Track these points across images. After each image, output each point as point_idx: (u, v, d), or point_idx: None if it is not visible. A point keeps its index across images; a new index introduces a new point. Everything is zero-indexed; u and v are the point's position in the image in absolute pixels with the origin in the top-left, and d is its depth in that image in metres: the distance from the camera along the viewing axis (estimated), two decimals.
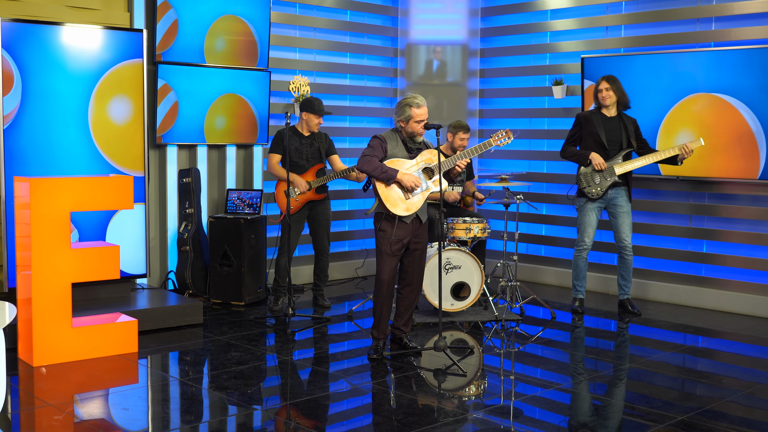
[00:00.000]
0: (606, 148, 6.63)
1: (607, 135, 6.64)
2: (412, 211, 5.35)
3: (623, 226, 6.73)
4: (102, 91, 6.31)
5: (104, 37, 6.27)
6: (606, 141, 6.63)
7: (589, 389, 5.00)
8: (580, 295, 6.95)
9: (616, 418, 4.50)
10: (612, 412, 4.62)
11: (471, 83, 8.89)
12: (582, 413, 4.62)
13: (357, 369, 5.29)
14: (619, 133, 6.66)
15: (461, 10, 8.83)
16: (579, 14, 8.08)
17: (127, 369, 5.29)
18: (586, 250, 6.82)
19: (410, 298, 5.57)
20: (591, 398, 4.86)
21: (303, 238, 7.65)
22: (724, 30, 7.12)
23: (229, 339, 5.93)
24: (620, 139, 6.65)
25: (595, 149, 6.65)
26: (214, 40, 7.23)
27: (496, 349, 5.96)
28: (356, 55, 8.64)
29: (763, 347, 6.05)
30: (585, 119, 6.73)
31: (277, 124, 7.80)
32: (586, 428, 4.33)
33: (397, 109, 5.39)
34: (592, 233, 6.78)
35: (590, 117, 6.71)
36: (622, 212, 6.71)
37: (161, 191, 7.20)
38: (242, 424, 4.30)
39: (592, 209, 6.74)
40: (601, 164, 6.59)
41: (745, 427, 4.29)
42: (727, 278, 7.19)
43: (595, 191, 6.67)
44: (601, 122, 6.66)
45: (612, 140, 6.65)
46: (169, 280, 7.19)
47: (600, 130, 6.63)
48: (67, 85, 6.16)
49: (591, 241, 6.80)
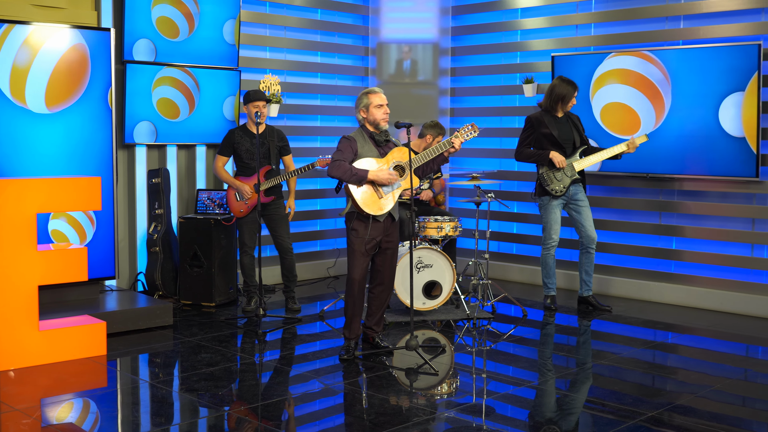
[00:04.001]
0: (562, 147, 6.71)
1: (561, 134, 6.73)
2: (385, 210, 5.34)
3: (587, 221, 6.80)
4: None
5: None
6: (561, 140, 6.71)
7: (561, 386, 5.02)
8: (551, 292, 6.98)
9: (588, 415, 4.52)
10: (582, 408, 4.63)
11: (442, 82, 8.89)
12: (553, 410, 4.63)
13: (329, 369, 5.26)
14: (570, 131, 6.79)
15: (432, 8, 8.83)
16: (549, 13, 8.11)
17: (95, 372, 5.23)
18: (553, 247, 6.87)
19: (382, 297, 5.57)
20: (562, 395, 4.88)
21: (267, 238, 7.61)
22: (692, 28, 7.18)
23: (200, 340, 5.88)
24: (572, 136, 6.79)
25: (552, 149, 6.72)
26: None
27: (468, 347, 5.96)
28: (327, 54, 8.61)
29: (731, 343, 6.11)
30: (537, 121, 6.79)
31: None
32: (557, 426, 4.34)
33: (356, 103, 5.44)
34: (558, 230, 6.84)
35: (542, 118, 6.78)
36: (584, 207, 6.81)
37: (130, 192, 7.13)
38: (213, 426, 4.27)
39: (556, 206, 6.80)
40: (561, 162, 6.65)
41: (715, 422, 4.32)
42: (696, 274, 7.26)
43: (559, 188, 6.72)
44: (554, 122, 6.74)
45: (565, 139, 6.75)
46: (139, 282, 7.12)
47: (554, 130, 6.70)
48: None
49: (558, 237, 6.86)
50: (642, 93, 7.24)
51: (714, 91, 6.86)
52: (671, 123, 7.13)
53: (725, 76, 6.79)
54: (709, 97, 6.89)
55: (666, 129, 7.17)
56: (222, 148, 6.78)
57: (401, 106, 8.48)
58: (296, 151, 7.93)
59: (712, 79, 6.86)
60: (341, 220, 8.44)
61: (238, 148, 6.70)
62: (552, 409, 4.67)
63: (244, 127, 6.77)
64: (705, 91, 6.92)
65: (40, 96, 6.14)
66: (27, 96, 6.09)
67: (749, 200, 6.94)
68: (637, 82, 7.25)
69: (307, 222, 8.47)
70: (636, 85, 7.26)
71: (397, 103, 8.18)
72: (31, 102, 6.11)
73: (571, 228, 7.49)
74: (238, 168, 6.81)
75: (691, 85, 6.99)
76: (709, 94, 6.89)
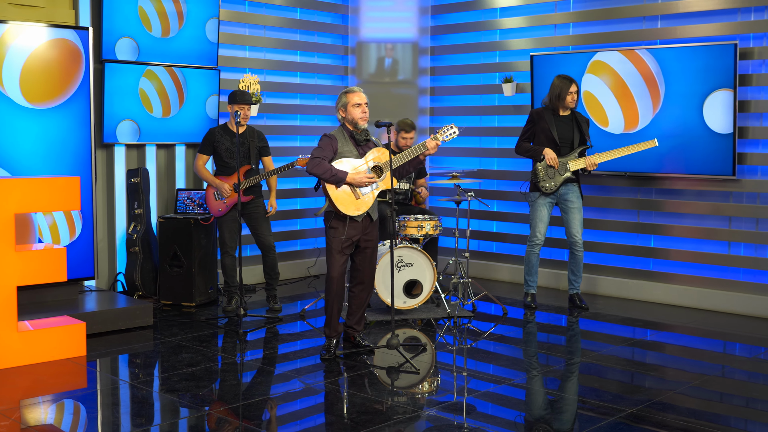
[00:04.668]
0: (557, 145, 6.71)
1: (559, 132, 6.72)
2: (362, 211, 5.34)
3: (574, 222, 6.81)
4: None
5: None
6: (558, 138, 6.71)
7: (541, 384, 5.04)
8: (531, 290, 7.02)
9: (568, 412, 4.55)
10: (563, 405, 4.67)
11: (422, 81, 8.91)
12: (534, 408, 4.66)
13: (310, 368, 5.26)
14: (571, 131, 6.75)
15: (412, 8, 8.85)
16: (528, 12, 8.15)
17: (75, 373, 5.20)
18: (538, 245, 6.89)
19: (362, 296, 5.57)
20: (543, 393, 4.90)
21: (248, 237, 7.60)
22: (669, 28, 7.24)
23: (180, 340, 5.86)
24: (572, 136, 6.75)
25: (548, 146, 6.73)
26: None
27: (449, 345, 5.98)
28: (307, 53, 8.60)
29: (709, 339, 6.16)
30: (538, 116, 6.80)
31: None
32: (538, 422, 4.37)
33: (336, 104, 5.45)
34: (543, 228, 6.86)
35: (543, 114, 6.78)
36: (573, 208, 6.80)
37: (109, 192, 7.10)
38: (194, 427, 4.25)
39: (544, 204, 6.82)
40: (553, 159, 6.67)
41: (693, 419, 4.36)
42: (674, 272, 7.32)
43: (549, 186, 6.74)
44: (554, 120, 6.74)
45: (563, 137, 6.73)
46: (118, 282, 7.09)
47: (552, 128, 6.71)
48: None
49: (543, 236, 6.87)
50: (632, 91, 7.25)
51: (697, 89, 6.90)
52: (654, 122, 7.19)
53: (706, 74, 6.84)
54: (693, 96, 6.93)
55: (649, 128, 7.22)
56: (202, 147, 6.77)
57: (381, 105, 8.49)
58: (276, 151, 7.92)
59: (695, 78, 6.90)
60: (321, 219, 8.43)
61: (218, 147, 6.69)
62: (532, 406, 4.69)
63: (225, 127, 6.76)
64: (688, 90, 6.96)
65: (26, 92, 6.14)
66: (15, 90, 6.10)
67: (726, 198, 7.01)
68: (622, 82, 7.28)
69: (287, 221, 8.46)
70: (621, 84, 7.29)
71: (377, 103, 8.19)
72: (14, 96, 6.10)
73: (560, 227, 7.53)
74: (217, 167, 6.79)
75: (675, 84, 7.05)
76: (692, 92, 6.93)
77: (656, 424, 4.26)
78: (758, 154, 6.82)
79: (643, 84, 7.17)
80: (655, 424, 4.26)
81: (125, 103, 6.99)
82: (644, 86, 7.17)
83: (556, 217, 7.47)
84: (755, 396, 4.93)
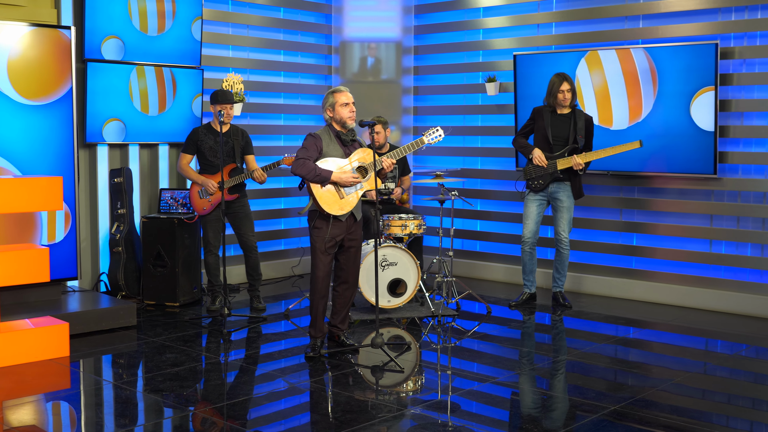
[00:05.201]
0: (550, 143, 6.75)
1: (553, 131, 6.75)
2: (346, 211, 5.35)
3: (561, 221, 6.85)
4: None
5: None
6: (551, 137, 6.75)
7: (525, 382, 5.07)
8: (526, 289, 7.03)
9: (552, 409, 4.57)
10: (547, 403, 4.69)
11: (405, 80, 8.92)
12: (518, 406, 4.68)
13: (294, 368, 5.27)
14: (567, 130, 6.75)
15: (395, 7, 8.86)
16: (511, 12, 8.17)
17: (58, 374, 5.18)
18: (527, 243, 6.91)
19: (346, 295, 5.58)
20: (527, 391, 4.93)
21: (231, 237, 7.59)
22: (651, 27, 7.28)
23: (164, 340, 5.85)
24: (566, 135, 6.76)
25: (542, 143, 6.78)
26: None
27: (433, 344, 6.00)
28: (290, 53, 8.59)
29: (691, 337, 6.21)
30: (538, 114, 6.85)
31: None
32: (522, 420, 4.39)
33: (322, 103, 5.43)
34: (532, 226, 6.88)
35: (542, 112, 6.83)
36: (562, 207, 6.84)
37: (92, 191, 7.06)
38: (178, 427, 4.25)
39: (533, 201, 6.86)
40: (539, 158, 6.70)
41: (675, 415, 4.40)
42: (656, 270, 7.37)
43: (537, 184, 6.79)
44: (549, 118, 6.77)
45: (557, 136, 6.76)
46: (101, 282, 7.06)
47: (547, 126, 6.74)
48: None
49: (531, 233, 6.89)
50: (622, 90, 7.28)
51: (683, 89, 6.94)
52: (643, 121, 7.24)
53: (689, 74, 6.88)
54: (680, 95, 6.97)
55: (634, 128, 7.27)
56: (186, 146, 6.75)
57: (365, 104, 8.49)
58: (260, 150, 7.91)
59: (681, 77, 6.95)
60: (305, 218, 8.43)
61: (202, 146, 6.67)
62: (516, 404, 4.71)
63: (209, 126, 6.75)
64: (675, 89, 6.99)
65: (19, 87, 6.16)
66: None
67: (707, 197, 7.06)
68: (618, 79, 7.30)
69: (271, 221, 8.45)
70: (615, 82, 7.32)
71: (361, 102, 8.18)
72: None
73: (549, 226, 7.57)
74: (201, 166, 6.78)
75: (664, 83, 7.09)
76: (680, 91, 6.97)
77: (639, 421, 4.29)
78: (739, 153, 6.88)
79: (635, 82, 7.21)
80: (638, 421, 4.29)
81: (111, 102, 6.96)
82: (636, 84, 7.20)
83: (548, 217, 7.49)
84: (737, 392, 4.97)
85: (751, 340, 6.04)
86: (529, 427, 4.25)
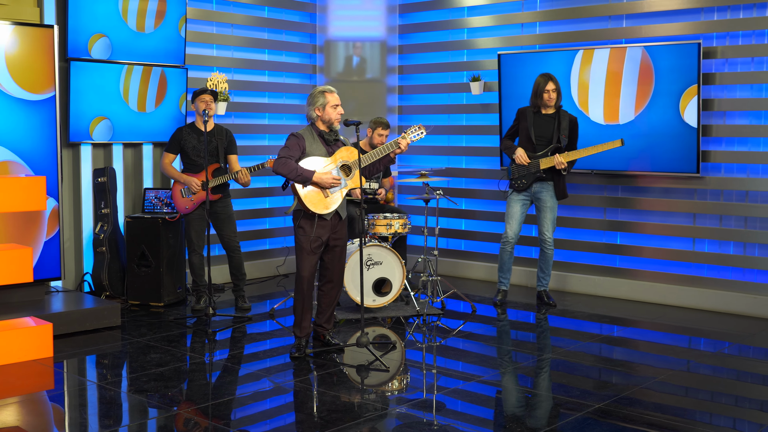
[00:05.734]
0: (533, 143, 6.77)
1: (536, 131, 6.78)
2: (330, 210, 5.34)
3: (544, 221, 6.87)
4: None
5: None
6: (534, 137, 6.77)
7: (510, 380, 5.08)
8: (503, 287, 7.06)
9: (536, 408, 4.59)
10: (532, 401, 4.70)
11: (390, 80, 8.92)
12: (503, 404, 4.69)
13: (279, 367, 5.26)
14: (550, 130, 6.78)
15: (379, 6, 8.86)
16: (495, 11, 8.19)
17: (42, 374, 5.15)
18: (509, 242, 6.93)
19: (331, 294, 5.57)
20: (512, 389, 4.94)
21: (214, 237, 7.56)
22: (634, 27, 7.32)
23: (149, 341, 5.83)
24: (550, 135, 6.79)
25: (526, 143, 6.80)
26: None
27: (418, 343, 6.00)
28: (275, 52, 8.58)
29: (674, 335, 6.25)
30: (522, 114, 6.89)
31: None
32: (507, 419, 4.40)
33: (310, 100, 5.39)
34: (515, 225, 6.90)
35: (526, 113, 6.86)
36: (545, 207, 6.86)
37: (75, 191, 7.03)
38: (163, 427, 4.23)
39: (517, 201, 6.88)
40: (520, 158, 6.72)
41: (659, 413, 4.42)
42: (640, 269, 7.40)
43: (520, 183, 6.81)
44: (533, 119, 6.79)
45: (541, 136, 6.78)
46: (85, 282, 7.02)
47: (530, 127, 6.77)
48: None
49: (514, 233, 6.91)
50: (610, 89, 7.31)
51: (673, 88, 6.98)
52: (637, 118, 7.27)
53: (671, 74, 6.92)
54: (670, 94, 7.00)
55: (617, 127, 7.31)
56: (169, 146, 6.74)
57: (349, 103, 8.49)
58: (244, 149, 7.89)
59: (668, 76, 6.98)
60: (290, 218, 8.42)
61: (186, 146, 6.66)
62: (501, 403, 4.73)
63: (192, 125, 6.74)
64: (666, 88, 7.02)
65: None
66: None
67: (690, 195, 7.10)
68: (612, 77, 7.32)
69: (255, 220, 8.43)
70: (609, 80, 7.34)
71: (345, 101, 8.18)
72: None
73: (533, 225, 7.59)
74: (185, 166, 6.77)
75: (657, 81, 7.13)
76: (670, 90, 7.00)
77: (623, 419, 4.32)
78: (721, 151, 6.92)
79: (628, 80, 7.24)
80: (622, 419, 4.31)
81: (97, 101, 6.92)
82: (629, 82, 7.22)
83: (531, 215, 7.51)
84: (720, 390, 5.00)
85: (734, 338, 6.09)
86: (514, 425, 4.26)
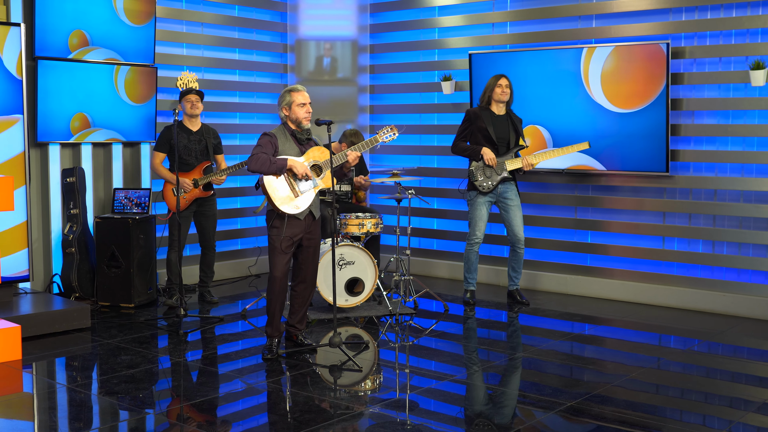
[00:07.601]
0: (495, 144, 6.78)
1: (496, 131, 6.79)
2: (301, 209, 5.33)
3: (515, 220, 6.89)
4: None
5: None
6: (495, 137, 6.78)
7: (482, 379, 5.10)
8: (471, 287, 7.08)
9: (508, 406, 4.61)
10: (504, 400, 4.72)
11: (361, 79, 8.92)
12: (475, 403, 4.71)
13: (252, 368, 5.24)
14: (507, 130, 6.82)
15: (350, 5, 8.85)
16: (466, 11, 8.22)
17: (10, 377, 5.08)
18: (477, 243, 6.95)
19: (304, 295, 5.56)
20: (484, 388, 4.96)
21: (190, 237, 7.53)
22: (603, 27, 7.37)
23: (119, 342, 5.77)
24: (508, 135, 6.82)
25: (485, 145, 6.79)
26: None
27: (391, 343, 6.01)
28: (245, 51, 8.54)
29: (645, 333, 6.30)
30: (475, 115, 6.85)
31: (164, 121, 7.62)
32: (479, 417, 4.41)
33: (279, 100, 5.41)
34: (483, 227, 6.92)
35: (480, 113, 6.84)
36: (513, 206, 6.88)
37: (44, 191, 6.95)
38: (134, 429, 4.20)
39: (483, 203, 6.88)
40: (492, 159, 6.73)
41: (630, 410, 4.46)
42: (610, 267, 7.46)
43: (487, 185, 6.80)
44: (491, 119, 6.80)
45: (500, 137, 6.80)
46: (54, 284, 6.94)
47: (489, 127, 6.77)
48: None
49: (482, 234, 6.94)
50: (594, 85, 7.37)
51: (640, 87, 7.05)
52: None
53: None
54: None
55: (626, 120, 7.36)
56: (159, 145, 6.78)
57: (320, 103, 8.48)
58: None
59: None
60: (262, 218, 8.39)
61: (177, 144, 6.62)
62: (474, 401, 4.74)
63: (181, 124, 6.80)
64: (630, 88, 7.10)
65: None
66: None
67: (660, 194, 7.17)
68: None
69: (228, 220, 8.39)
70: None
71: (317, 101, 8.17)
72: None
73: (499, 224, 7.62)
74: (172, 164, 6.80)
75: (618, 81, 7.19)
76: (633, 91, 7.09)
77: (594, 417, 4.35)
78: (690, 150, 6.99)
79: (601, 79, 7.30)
80: (594, 417, 4.34)
81: (67, 100, 6.86)
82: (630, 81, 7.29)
83: (494, 214, 7.55)
84: (689, 387, 5.05)
85: (703, 336, 6.15)
86: (486, 424, 4.27)
